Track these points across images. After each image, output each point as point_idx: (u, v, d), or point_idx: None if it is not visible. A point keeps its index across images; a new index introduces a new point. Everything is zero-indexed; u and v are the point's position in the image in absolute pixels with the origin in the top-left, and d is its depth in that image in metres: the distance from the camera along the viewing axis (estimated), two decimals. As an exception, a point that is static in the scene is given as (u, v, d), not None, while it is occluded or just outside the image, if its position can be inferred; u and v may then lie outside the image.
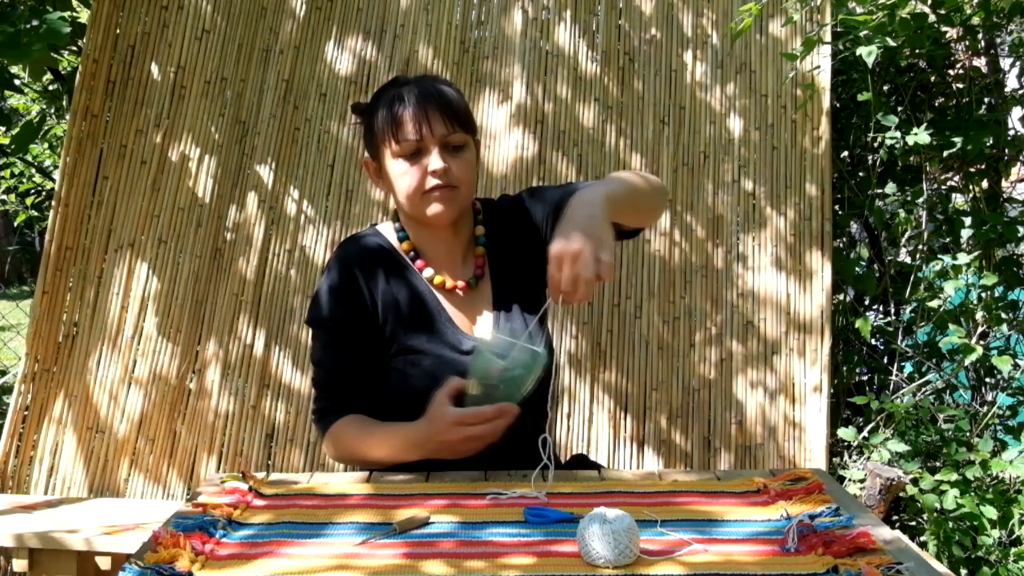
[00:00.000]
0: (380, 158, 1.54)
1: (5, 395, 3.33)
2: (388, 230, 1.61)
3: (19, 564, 2.08)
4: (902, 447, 2.39)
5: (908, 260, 2.84)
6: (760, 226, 2.54)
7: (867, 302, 2.93)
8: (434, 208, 1.50)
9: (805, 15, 2.53)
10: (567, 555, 1.08)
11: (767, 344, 2.49)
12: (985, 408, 2.66)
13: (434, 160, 1.48)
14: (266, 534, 1.16)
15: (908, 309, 2.79)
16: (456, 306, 1.56)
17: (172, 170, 2.57)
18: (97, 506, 2.34)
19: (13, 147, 3.23)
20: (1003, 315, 2.62)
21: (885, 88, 2.81)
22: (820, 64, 2.50)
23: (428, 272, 1.55)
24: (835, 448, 2.59)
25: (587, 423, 2.48)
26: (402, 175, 1.50)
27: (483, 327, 1.56)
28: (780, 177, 2.55)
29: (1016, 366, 2.58)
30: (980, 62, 2.94)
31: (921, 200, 2.69)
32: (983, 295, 2.63)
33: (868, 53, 2.26)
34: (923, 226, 2.74)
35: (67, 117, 2.72)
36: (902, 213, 2.68)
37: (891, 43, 2.35)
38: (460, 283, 1.56)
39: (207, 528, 1.15)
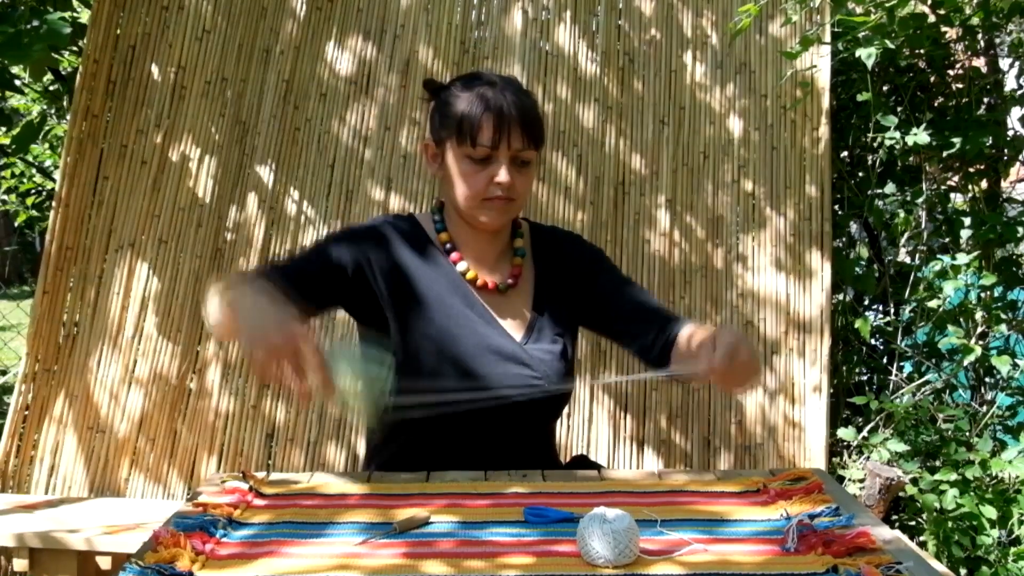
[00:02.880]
0: (444, 147, 1.55)
1: (6, 395, 3.33)
2: (425, 220, 1.62)
3: (19, 564, 2.09)
4: (901, 447, 2.40)
5: (908, 260, 2.84)
6: (760, 226, 2.54)
7: (867, 302, 2.93)
8: (488, 216, 1.53)
9: (804, 16, 2.53)
10: (567, 555, 1.08)
11: (767, 344, 2.49)
12: (984, 408, 2.66)
13: (502, 173, 1.49)
14: (266, 534, 1.16)
15: (907, 309, 2.79)
16: (486, 303, 1.57)
17: (172, 170, 2.57)
18: (97, 506, 2.34)
19: (14, 147, 3.23)
20: (1002, 315, 2.62)
21: (885, 88, 2.81)
22: (818, 63, 2.50)
23: (462, 266, 1.57)
24: (835, 448, 2.59)
25: (587, 423, 2.48)
26: (466, 176, 1.51)
27: (514, 330, 1.57)
28: (780, 177, 2.55)
29: (1015, 366, 2.58)
30: (979, 62, 2.94)
31: (920, 200, 2.69)
32: (982, 295, 2.63)
33: (868, 56, 2.26)
34: (923, 226, 2.74)
35: (67, 117, 2.72)
36: (901, 213, 2.68)
37: (890, 45, 2.35)
38: (490, 282, 1.57)
39: (207, 528, 1.15)
